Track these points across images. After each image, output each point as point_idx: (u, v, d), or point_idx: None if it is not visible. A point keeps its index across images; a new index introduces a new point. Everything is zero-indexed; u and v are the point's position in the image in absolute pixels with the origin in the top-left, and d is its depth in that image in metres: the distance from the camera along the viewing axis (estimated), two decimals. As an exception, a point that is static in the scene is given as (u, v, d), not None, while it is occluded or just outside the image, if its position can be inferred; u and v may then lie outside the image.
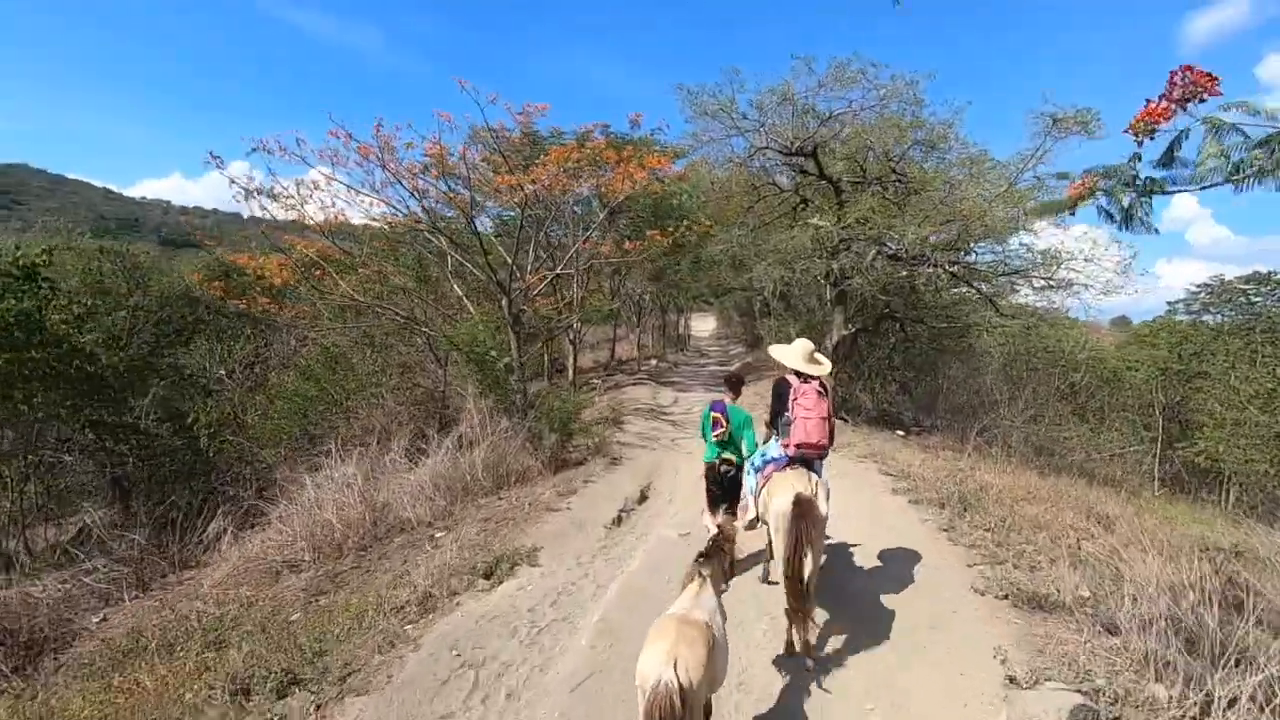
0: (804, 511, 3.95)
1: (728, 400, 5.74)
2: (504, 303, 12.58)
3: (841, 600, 5.08)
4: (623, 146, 13.41)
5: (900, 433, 12.84)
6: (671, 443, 11.55)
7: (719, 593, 3.37)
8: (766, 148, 11.55)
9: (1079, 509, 8.20)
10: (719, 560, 3.55)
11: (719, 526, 3.94)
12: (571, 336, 19.10)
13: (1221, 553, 5.49)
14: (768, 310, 23.82)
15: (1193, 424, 20.86)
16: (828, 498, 4.49)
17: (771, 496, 4.33)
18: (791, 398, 4.48)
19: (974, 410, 15.84)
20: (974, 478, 8.81)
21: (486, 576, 5.97)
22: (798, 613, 3.95)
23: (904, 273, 11.84)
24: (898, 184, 11.54)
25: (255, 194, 11.33)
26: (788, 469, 4.43)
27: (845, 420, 13.01)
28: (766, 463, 4.77)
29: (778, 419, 4.66)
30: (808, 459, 4.49)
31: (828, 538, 5.40)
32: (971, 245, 10.72)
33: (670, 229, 12.40)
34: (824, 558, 5.04)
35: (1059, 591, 4.88)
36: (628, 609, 5.05)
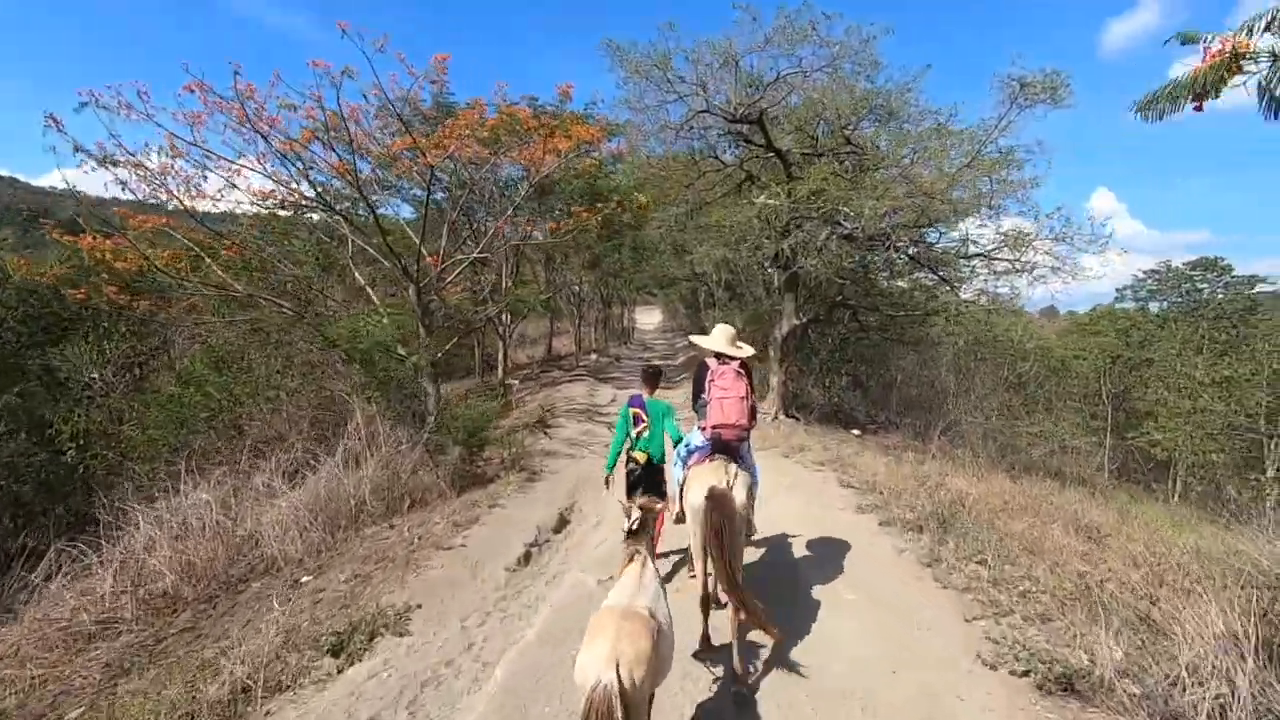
0: (717, 505, 3.75)
1: (645, 394, 5.31)
2: (411, 292, 10.92)
3: (799, 686, 3.71)
4: (550, 120, 11.91)
5: (856, 432, 11.75)
6: (605, 449, 10.09)
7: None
8: (706, 111, 10.18)
9: (1064, 520, 7.17)
10: (648, 537, 3.41)
11: (641, 507, 3.50)
12: (501, 330, 17.45)
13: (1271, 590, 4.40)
14: (713, 301, 22.65)
15: (1137, 413, 20.72)
16: (750, 489, 4.30)
17: (688, 491, 4.16)
18: (709, 379, 4.32)
19: (928, 404, 14.95)
20: (946, 486, 7.68)
21: (334, 653, 4.40)
22: (739, 605, 3.62)
23: (860, 255, 10.69)
24: (852, 156, 10.36)
25: (108, 164, 9.33)
26: (708, 461, 4.23)
27: (797, 419, 11.84)
28: (691, 453, 4.52)
29: (697, 403, 4.50)
30: (727, 442, 4.23)
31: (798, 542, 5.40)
32: (934, 224, 9.63)
33: (599, 206, 10.92)
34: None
35: (1092, 661, 3.65)
36: (517, 709, 3.58)
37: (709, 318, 22.10)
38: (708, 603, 4.10)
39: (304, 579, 6.14)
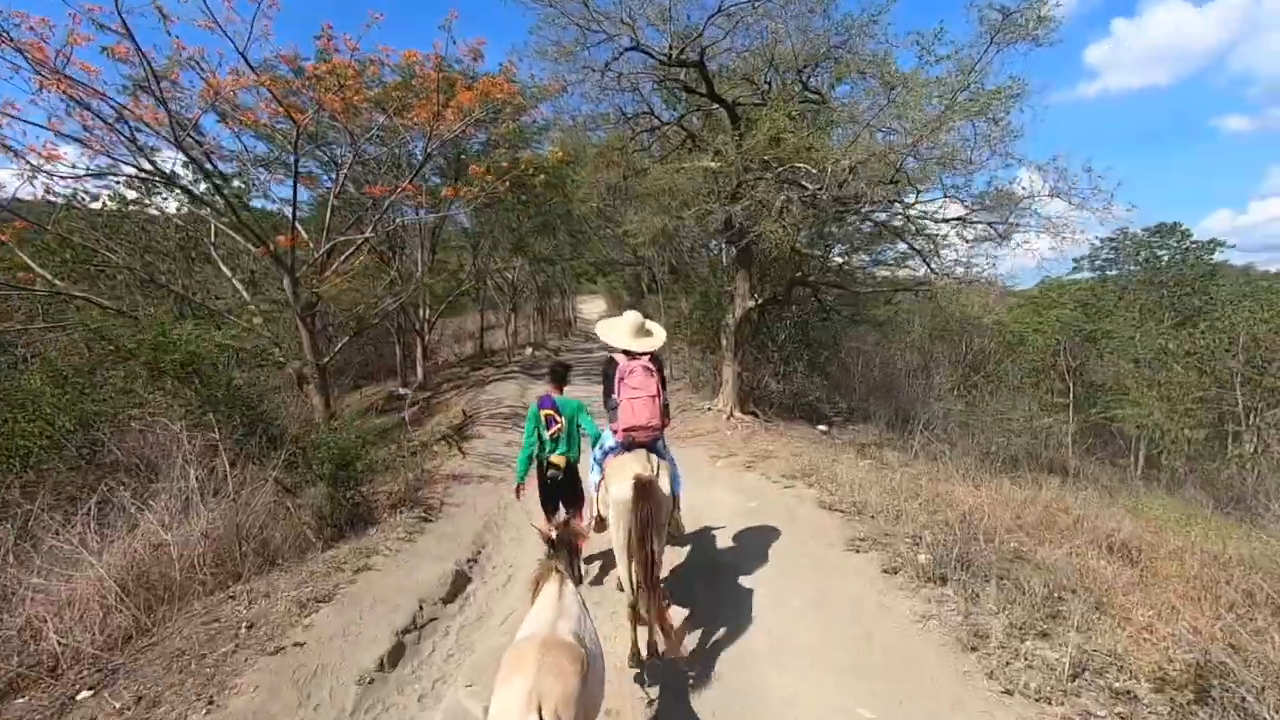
0: (645, 494, 3.48)
1: (554, 393, 4.90)
2: (286, 284, 8.85)
3: None
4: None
5: (823, 427, 10.29)
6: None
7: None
8: (636, 48, 8.41)
9: (1091, 538, 5.81)
10: (571, 555, 3.04)
11: (557, 532, 3.09)
12: (418, 325, 15.34)
13: None
14: (655, 285, 20.99)
15: (1094, 387, 20.16)
16: (673, 479, 4.05)
17: (609, 484, 3.80)
18: (618, 378, 4.05)
19: (889, 388, 13.67)
20: (944, 499, 6.24)
21: None
22: (649, 610, 3.43)
23: (822, 223, 9.16)
24: (810, 106, 8.77)
25: None
26: (623, 454, 3.90)
27: (756, 415, 10.30)
28: (605, 454, 4.19)
29: (608, 403, 4.18)
30: (641, 444, 3.91)
31: (775, 608, 4.37)
32: (911, 183, 8.14)
33: (504, 163, 9.06)
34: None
35: None
36: None
37: (651, 304, 20.42)
38: (637, 613, 3.64)
39: (82, 695, 4.20)
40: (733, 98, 9.15)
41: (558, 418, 4.72)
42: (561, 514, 4.76)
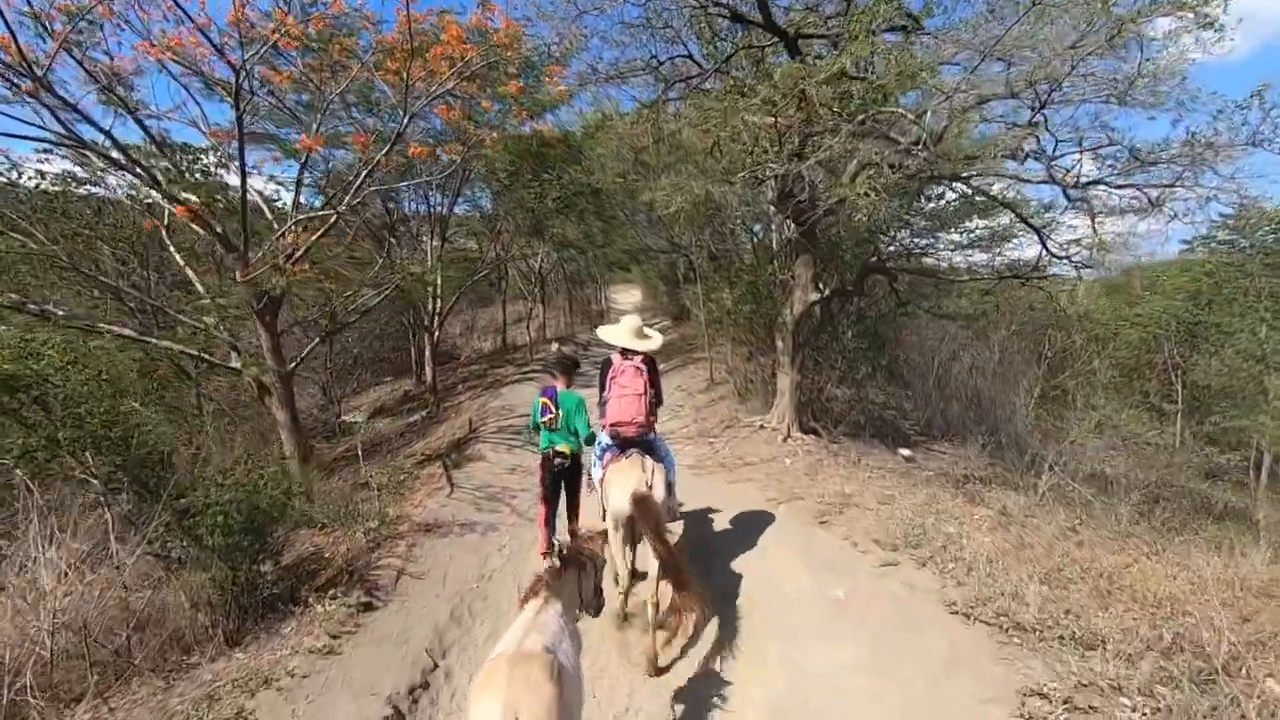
0: (642, 509, 3.62)
1: (559, 386, 4.80)
2: (238, 275, 7.19)
3: None
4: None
5: (905, 452, 8.17)
6: (531, 506, 6.49)
7: (573, 617, 2.80)
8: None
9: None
10: (578, 574, 2.99)
11: (572, 534, 3.48)
12: (426, 320, 13.61)
13: None
14: (694, 274, 18.95)
15: (1200, 389, 17.42)
16: (668, 481, 4.20)
17: (609, 492, 3.95)
18: (610, 376, 4.30)
19: (974, 397, 11.40)
20: (1120, 582, 4.15)
21: None
22: (673, 583, 3.58)
23: (920, 187, 7.07)
24: (903, 29, 6.60)
25: None
26: (623, 458, 4.08)
27: (819, 434, 8.26)
28: (604, 451, 4.36)
29: (601, 400, 4.44)
30: (629, 439, 4.16)
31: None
32: (1050, 130, 5.93)
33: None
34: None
35: None
36: None
37: (689, 295, 18.37)
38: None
39: None
40: (795, 29, 7.05)
41: (553, 409, 4.70)
42: (562, 527, 4.65)
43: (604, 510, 4.07)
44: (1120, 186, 6.79)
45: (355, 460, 9.59)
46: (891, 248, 9.01)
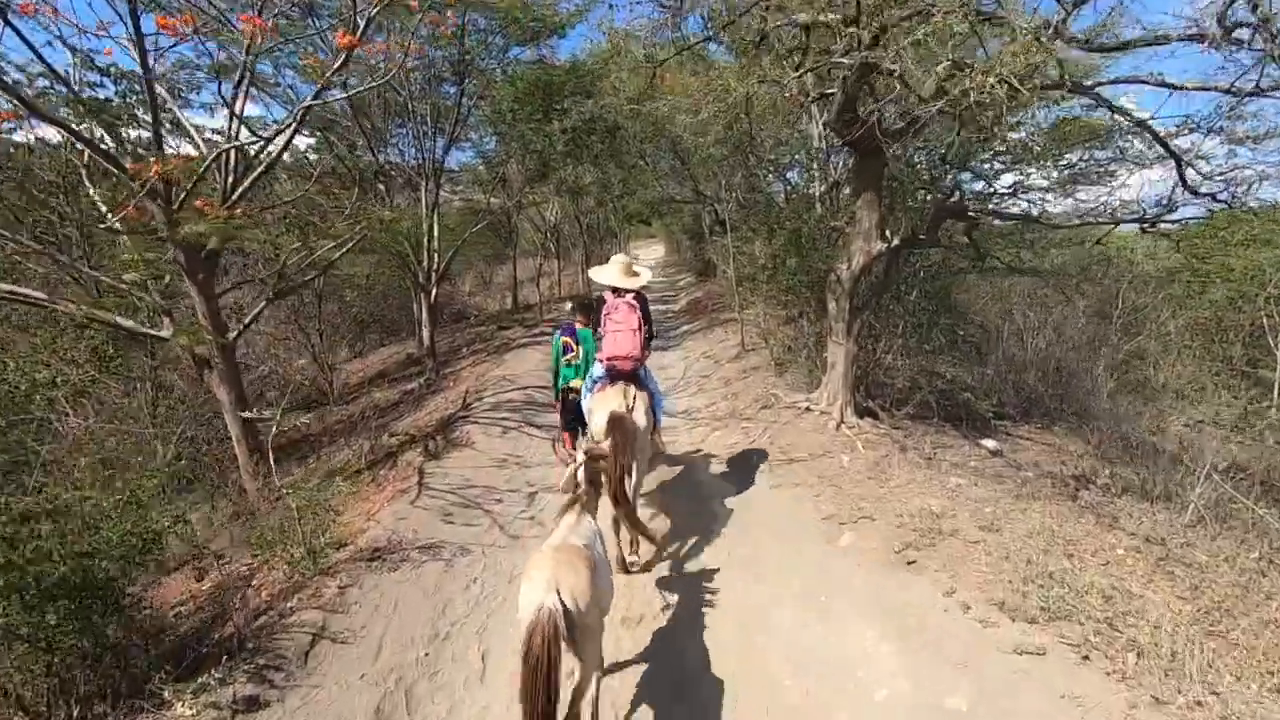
0: (616, 425, 3.89)
1: (579, 324, 5.29)
2: (160, 212, 5.79)
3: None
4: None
5: (990, 443, 6.57)
6: (525, 520, 5.09)
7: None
8: None
9: None
10: (597, 490, 3.45)
11: (585, 452, 3.53)
12: (421, 279, 12.10)
13: None
14: (721, 226, 17.14)
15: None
16: (650, 408, 4.46)
17: (593, 416, 4.30)
18: (604, 313, 4.53)
19: (1058, 369, 9.67)
20: None
21: None
22: (628, 522, 3.99)
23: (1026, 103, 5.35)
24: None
25: None
26: (607, 387, 4.36)
27: (877, 418, 6.70)
28: (594, 383, 4.63)
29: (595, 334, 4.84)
30: (624, 372, 4.37)
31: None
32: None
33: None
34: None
35: None
36: None
37: (715, 248, 16.59)
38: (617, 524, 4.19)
39: None
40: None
41: (574, 346, 5.16)
42: (584, 441, 4.62)
43: (594, 431, 4.23)
44: None
45: (315, 444, 8.28)
46: (977, 185, 7.24)
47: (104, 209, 6.52)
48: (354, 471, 6.77)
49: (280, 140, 6.14)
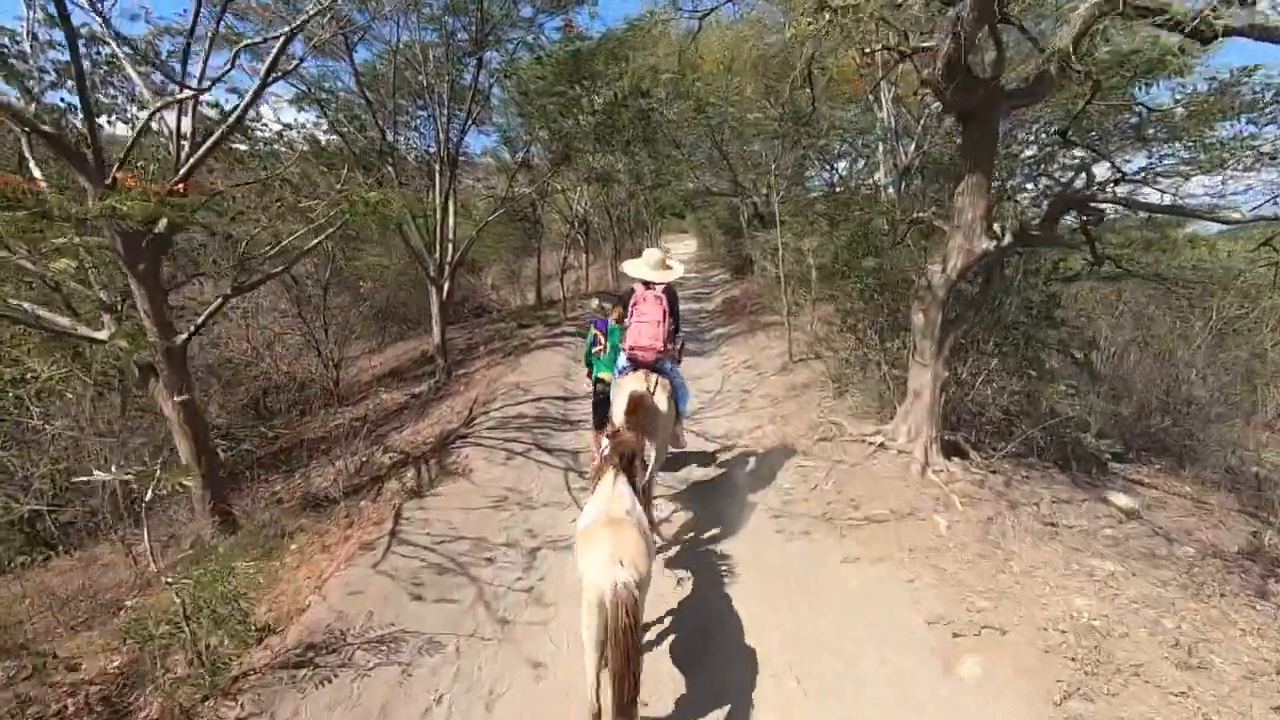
0: (635, 406, 3.93)
1: (612, 319, 5.36)
2: (90, 195, 4.70)
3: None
4: None
5: (1124, 499, 5.14)
6: (520, 594, 3.87)
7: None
8: None
9: None
10: (626, 460, 3.34)
11: (611, 439, 3.47)
12: (433, 272, 10.95)
13: None
14: (760, 220, 15.76)
15: None
16: (672, 395, 4.52)
17: (616, 399, 4.40)
18: (632, 304, 4.60)
19: (1180, 397, 8.18)
20: None
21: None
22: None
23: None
24: None
25: None
26: (629, 373, 4.50)
27: (968, 457, 5.33)
28: (620, 372, 4.74)
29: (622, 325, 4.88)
30: (645, 363, 4.48)
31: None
32: None
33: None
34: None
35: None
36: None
37: (754, 244, 15.19)
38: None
39: None
40: None
41: (602, 340, 5.33)
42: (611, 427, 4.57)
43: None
44: None
45: (311, 451, 7.23)
46: (1097, 170, 5.77)
47: (40, 180, 5.48)
48: (329, 501, 5.66)
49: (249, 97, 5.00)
